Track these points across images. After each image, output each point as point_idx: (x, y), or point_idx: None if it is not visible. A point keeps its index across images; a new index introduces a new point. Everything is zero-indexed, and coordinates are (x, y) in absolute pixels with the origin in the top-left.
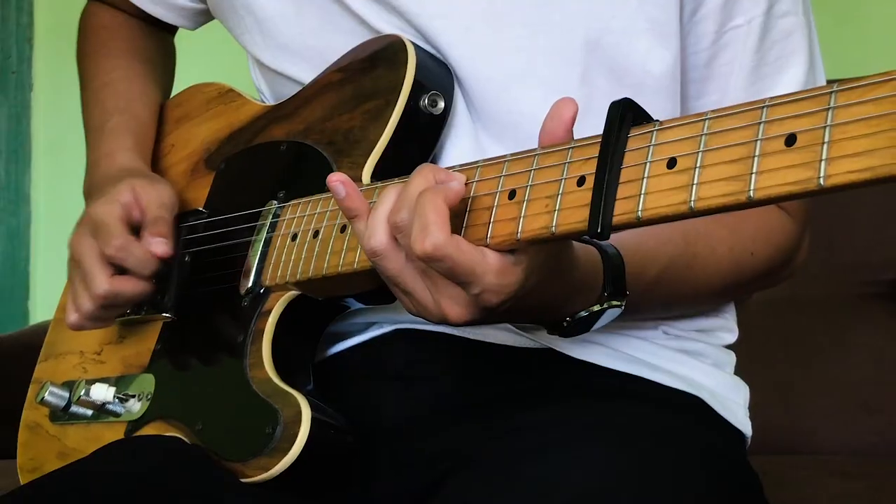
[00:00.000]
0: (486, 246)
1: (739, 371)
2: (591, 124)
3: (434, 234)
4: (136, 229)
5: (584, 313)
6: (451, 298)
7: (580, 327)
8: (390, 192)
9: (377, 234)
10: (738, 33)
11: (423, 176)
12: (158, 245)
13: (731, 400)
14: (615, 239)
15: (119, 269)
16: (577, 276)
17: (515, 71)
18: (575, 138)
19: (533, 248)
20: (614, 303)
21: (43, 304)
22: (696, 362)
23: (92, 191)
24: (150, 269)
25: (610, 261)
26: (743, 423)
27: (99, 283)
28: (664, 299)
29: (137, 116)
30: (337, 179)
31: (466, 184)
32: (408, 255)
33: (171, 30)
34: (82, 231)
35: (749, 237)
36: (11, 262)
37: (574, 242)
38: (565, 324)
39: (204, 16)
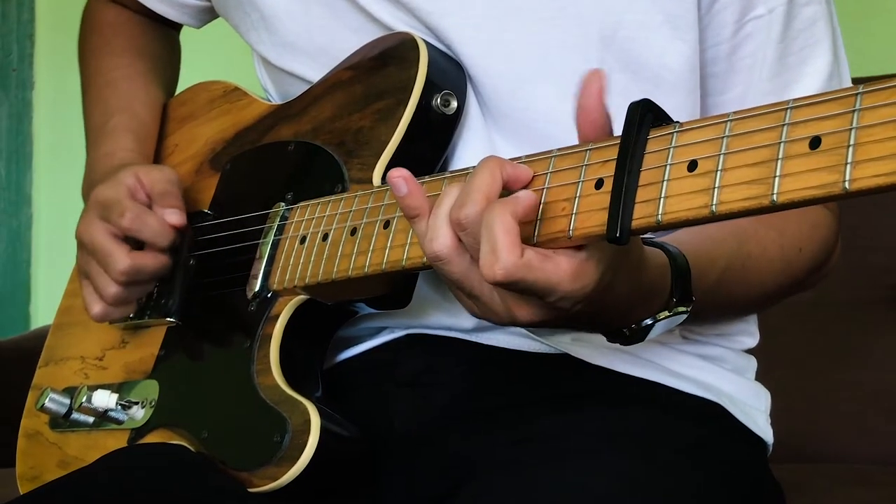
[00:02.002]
0: None
1: (760, 377)
2: None
3: (503, 259)
4: None
5: (649, 321)
6: (524, 305)
7: (642, 335)
8: (453, 190)
9: (440, 236)
10: (759, 23)
11: (489, 170)
12: (172, 215)
13: (752, 407)
14: (672, 239)
15: (135, 245)
16: (646, 279)
17: (529, 67)
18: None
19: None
20: (681, 309)
21: (45, 307)
22: (717, 368)
23: (91, 191)
24: (167, 240)
25: (677, 264)
26: (764, 430)
27: (120, 259)
28: (722, 303)
29: (138, 116)
30: (399, 175)
31: (536, 181)
32: (473, 257)
33: (176, 27)
34: (90, 217)
35: (795, 234)
36: (12, 265)
37: (641, 243)
38: (627, 332)
39: (209, 14)
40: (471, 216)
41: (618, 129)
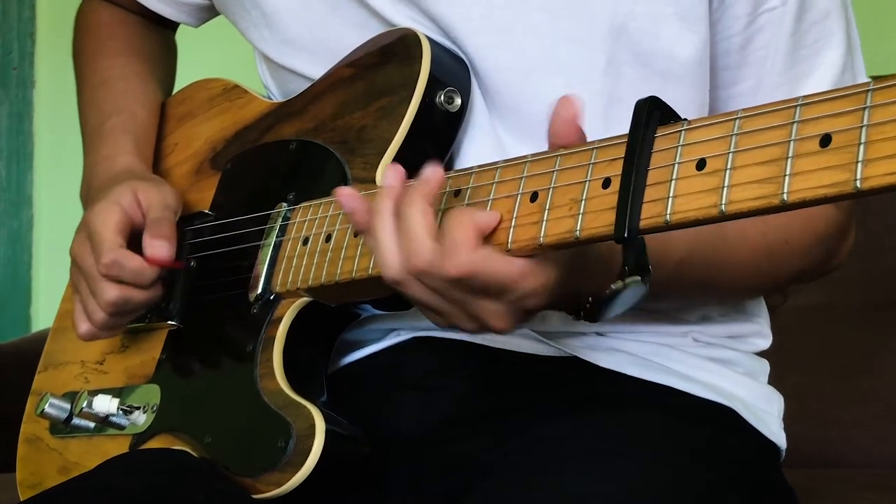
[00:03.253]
0: (508, 251)
1: (773, 380)
2: (616, 114)
3: (459, 255)
4: (138, 234)
5: (606, 293)
6: (490, 312)
7: (603, 309)
8: (384, 225)
9: (389, 267)
10: (773, 15)
11: (418, 209)
12: (155, 248)
13: (765, 411)
14: None
15: None
16: (594, 253)
17: (536, 59)
18: (600, 129)
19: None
20: (635, 278)
21: (45, 310)
22: (728, 371)
23: (90, 195)
24: (147, 279)
25: None
26: (777, 434)
27: (108, 289)
28: (692, 285)
29: (136, 117)
30: (344, 194)
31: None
32: (433, 288)
33: (173, 27)
34: (82, 238)
35: (784, 224)
36: (13, 267)
37: None
38: (588, 304)
39: (207, 12)
40: (429, 262)
41: (627, 126)
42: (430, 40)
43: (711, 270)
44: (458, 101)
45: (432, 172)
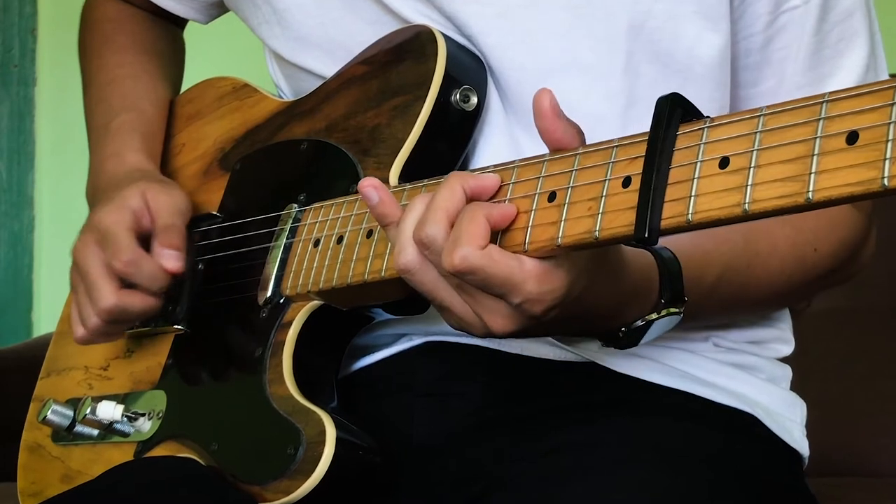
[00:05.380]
0: (525, 252)
1: (795, 386)
2: (636, 115)
3: (463, 248)
4: (145, 238)
5: (640, 322)
6: (493, 311)
7: (636, 337)
8: (417, 204)
9: (405, 250)
10: (795, 14)
11: (449, 188)
12: (170, 259)
13: (787, 418)
14: (668, 241)
15: (126, 282)
16: (630, 281)
17: (554, 59)
18: (619, 129)
19: (574, 252)
20: (672, 310)
21: (47, 315)
22: (750, 377)
23: (97, 194)
24: (160, 285)
25: (665, 265)
26: (799, 442)
27: (105, 296)
28: (725, 303)
29: (145, 114)
30: (369, 184)
31: (501, 186)
32: (441, 270)
33: (180, 24)
34: (87, 239)
35: (811, 231)
36: (14, 270)
37: (623, 245)
38: (620, 334)
39: (216, 8)
40: (431, 235)
41: (646, 126)
42: (446, 37)
43: (744, 288)
44: (475, 99)
45: (492, 178)
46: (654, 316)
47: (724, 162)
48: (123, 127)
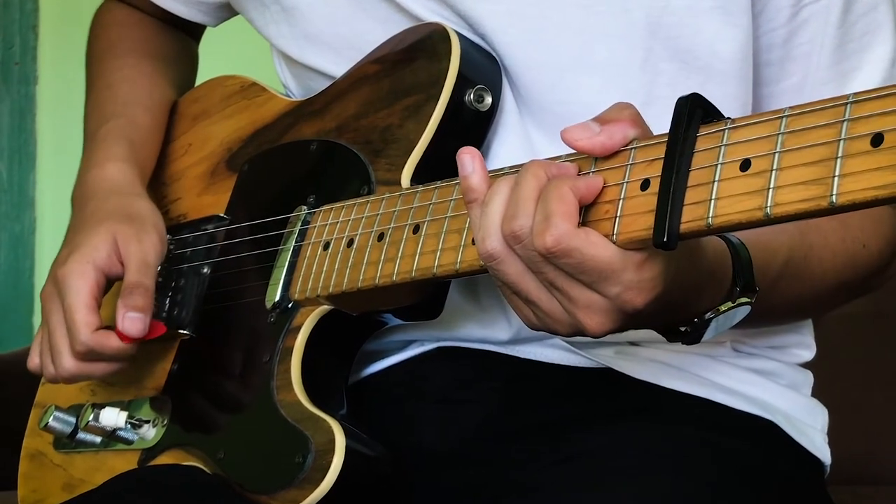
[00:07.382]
0: None
1: (817, 393)
2: (654, 114)
3: (557, 226)
4: (116, 279)
5: (711, 314)
6: (587, 307)
7: (701, 330)
8: (503, 187)
9: (491, 236)
10: (817, 7)
11: (534, 175)
12: (133, 323)
13: (808, 425)
14: None
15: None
16: (706, 264)
17: (570, 57)
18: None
19: None
20: (744, 300)
21: None
22: (770, 383)
23: (76, 206)
24: (128, 355)
25: (737, 251)
26: (821, 450)
27: (65, 364)
28: (785, 299)
29: (136, 121)
30: (468, 152)
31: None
32: (529, 262)
33: (195, 35)
34: (52, 292)
35: (859, 228)
36: (14, 273)
37: None
38: (691, 327)
39: (225, 10)
40: (525, 227)
41: (665, 126)
42: (460, 36)
43: (802, 283)
44: (489, 99)
45: (571, 166)
46: (727, 305)
47: (745, 164)
48: (110, 134)
